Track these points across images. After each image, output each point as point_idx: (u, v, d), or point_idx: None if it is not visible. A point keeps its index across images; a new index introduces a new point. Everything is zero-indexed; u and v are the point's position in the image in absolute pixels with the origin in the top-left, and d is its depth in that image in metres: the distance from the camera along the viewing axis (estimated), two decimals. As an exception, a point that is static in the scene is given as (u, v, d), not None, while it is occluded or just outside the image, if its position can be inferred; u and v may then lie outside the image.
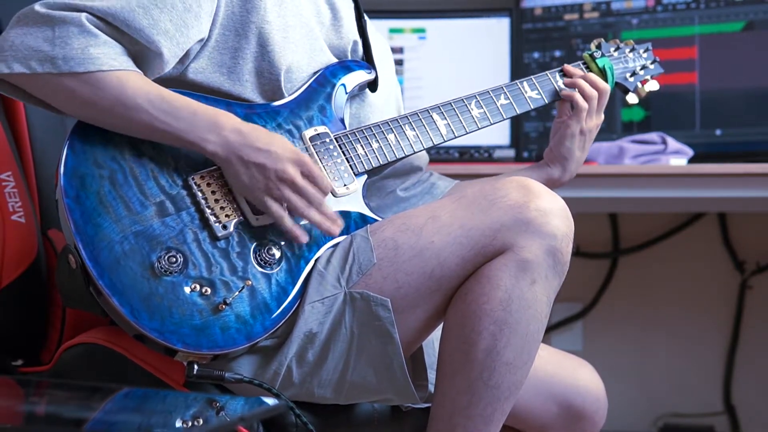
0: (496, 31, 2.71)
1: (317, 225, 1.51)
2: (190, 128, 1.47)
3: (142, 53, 1.49)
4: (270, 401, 1.28)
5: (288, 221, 1.50)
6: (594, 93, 1.75)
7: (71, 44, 1.43)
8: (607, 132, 2.61)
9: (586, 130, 1.75)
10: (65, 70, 1.43)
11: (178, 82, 1.55)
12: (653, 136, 2.46)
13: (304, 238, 1.51)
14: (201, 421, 1.17)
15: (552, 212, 1.47)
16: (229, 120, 1.49)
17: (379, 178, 1.74)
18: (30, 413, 1.20)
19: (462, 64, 2.72)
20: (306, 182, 1.49)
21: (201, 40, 1.54)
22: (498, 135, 2.69)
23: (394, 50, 2.71)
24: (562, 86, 1.79)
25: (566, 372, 1.77)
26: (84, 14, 1.44)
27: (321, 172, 1.51)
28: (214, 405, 1.25)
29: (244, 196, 1.51)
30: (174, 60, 1.51)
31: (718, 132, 2.55)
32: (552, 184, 1.77)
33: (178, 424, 1.15)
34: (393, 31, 2.74)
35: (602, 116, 1.78)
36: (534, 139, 2.68)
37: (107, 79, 1.45)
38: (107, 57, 1.45)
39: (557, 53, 2.68)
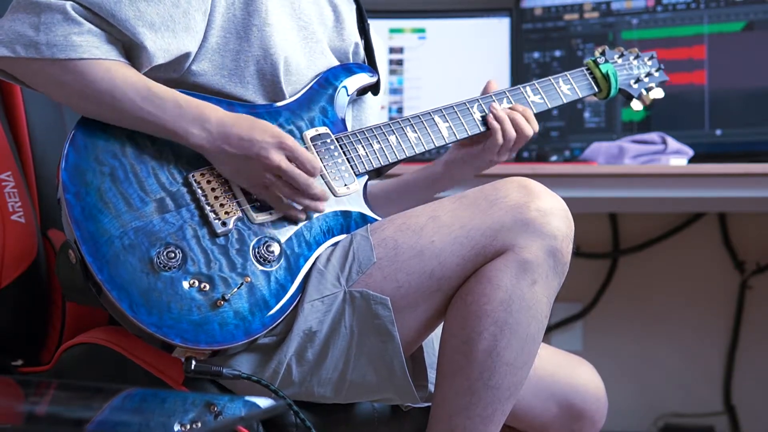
0: (496, 31, 2.71)
1: (306, 208, 1.53)
2: (175, 120, 1.48)
3: (129, 45, 1.50)
4: (270, 401, 1.27)
5: (284, 204, 1.52)
6: (512, 134, 1.73)
7: (55, 31, 1.45)
8: (607, 132, 2.61)
9: (494, 162, 1.76)
10: (47, 55, 1.45)
11: (179, 84, 1.55)
12: (653, 136, 2.46)
13: (302, 216, 1.53)
14: (199, 425, 1.16)
15: (552, 213, 1.47)
16: (213, 113, 1.50)
17: None
18: (30, 413, 1.20)
19: (462, 64, 2.72)
20: (292, 167, 1.50)
21: (196, 39, 1.54)
22: (498, 135, 2.68)
23: (395, 50, 2.71)
24: (565, 92, 1.80)
25: (566, 371, 1.77)
26: (69, 3, 1.45)
27: (306, 152, 1.51)
28: (212, 408, 1.24)
29: (240, 186, 1.52)
30: (162, 54, 1.51)
31: (718, 132, 2.55)
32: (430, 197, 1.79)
33: (177, 427, 1.15)
34: (393, 31, 2.74)
35: (513, 156, 1.78)
36: (533, 138, 2.67)
37: (93, 68, 1.46)
38: (89, 45, 1.46)
39: (557, 53, 2.68)
